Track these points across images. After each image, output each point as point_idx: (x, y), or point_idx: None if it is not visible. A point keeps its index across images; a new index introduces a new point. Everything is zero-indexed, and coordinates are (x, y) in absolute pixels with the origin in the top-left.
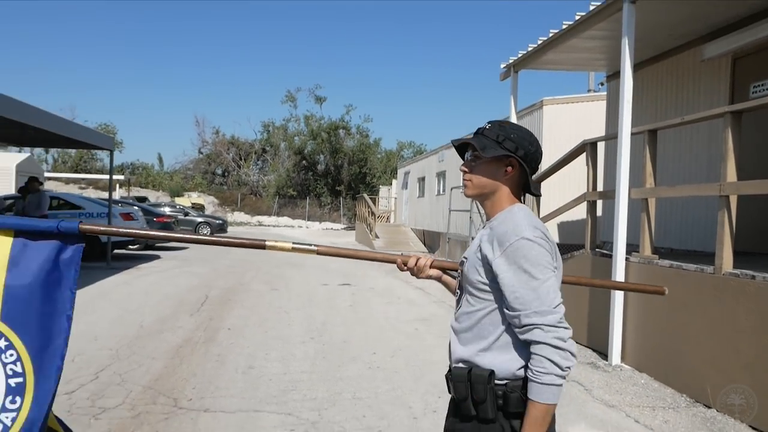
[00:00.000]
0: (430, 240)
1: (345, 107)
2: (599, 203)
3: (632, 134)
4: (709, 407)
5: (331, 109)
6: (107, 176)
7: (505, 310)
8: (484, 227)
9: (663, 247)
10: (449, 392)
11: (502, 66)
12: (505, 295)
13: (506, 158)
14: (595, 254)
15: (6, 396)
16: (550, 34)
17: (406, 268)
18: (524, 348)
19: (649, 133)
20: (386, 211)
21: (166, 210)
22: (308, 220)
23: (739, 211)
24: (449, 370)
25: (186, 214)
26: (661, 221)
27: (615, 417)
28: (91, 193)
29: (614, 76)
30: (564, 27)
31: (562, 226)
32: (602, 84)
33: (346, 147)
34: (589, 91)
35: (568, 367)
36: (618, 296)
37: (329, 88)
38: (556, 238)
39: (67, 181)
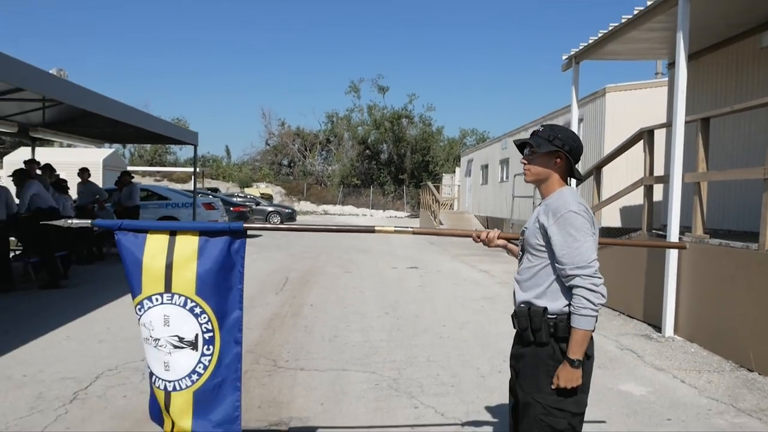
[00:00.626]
0: (493, 226)
1: (408, 96)
2: (659, 189)
3: (686, 122)
4: (752, 371)
5: (394, 99)
6: (181, 169)
7: (556, 264)
8: (540, 204)
9: (721, 229)
10: (514, 327)
11: (564, 57)
12: (555, 252)
13: (555, 152)
14: (651, 235)
15: (204, 345)
16: (609, 28)
17: (479, 240)
18: (567, 292)
19: (702, 121)
20: (449, 198)
21: (240, 200)
22: (372, 208)
23: None
24: (514, 312)
25: (257, 204)
26: (721, 205)
27: (662, 378)
28: (167, 184)
29: (675, 64)
30: (623, 21)
31: (623, 211)
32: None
33: (409, 136)
34: (656, 74)
35: (600, 304)
36: (671, 273)
37: (392, 77)
38: (617, 222)
39: (144, 174)
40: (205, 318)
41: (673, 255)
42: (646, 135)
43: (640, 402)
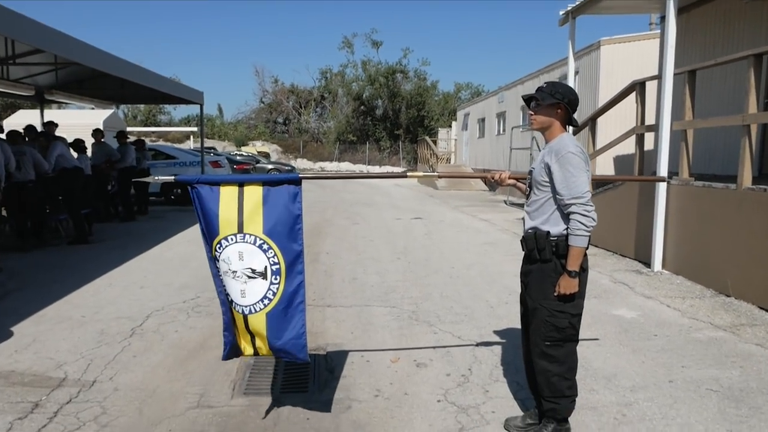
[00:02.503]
0: None
1: (402, 50)
2: (649, 139)
3: (675, 74)
4: (729, 296)
5: (388, 54)
6: (177, 129)
7: (556, 195)
8: (544, 148)
9: (707, 173)
10: (523, 249)
11: (561, 13)
12: (555, 185)
13: (557, 104)
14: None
15: (272, 275)
16: None
17: (493, 179)
18: (566, 219)
19: (688, 73)
20: (446, 152)
21: (241, 158)
22: (369, 164)
23: None
24: (523, 237)
25: (257, 162)
26: (708, 151)
27: (651, 304)
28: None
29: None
30: None
31: (617, 159)
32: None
33: (404, 91)
34: (650, 24)
35: (592, 226)
36: (660, 214)
37: (385, 32)
38: (611, 170)
39: (139, 135)
40: (272, 253)
41: (661, 197)
42: (638, 87)
43: (630, 323)
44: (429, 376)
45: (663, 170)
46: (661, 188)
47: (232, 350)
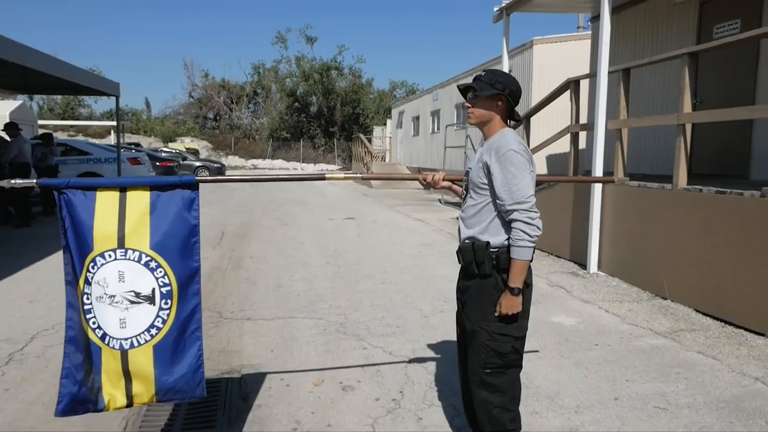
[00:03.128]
0: None
1: (337, 47)
2: (582, 137)
3: (609, 73)
4: (665, 299)
5: (323, 50)
6: (98, 123)
7: (497, 200)
8: (482, 145)
9: (638, 173)
10: (459, 262)
11: (495, 9)
12: (496, 188)
13: (497, 95)
14: None
15: (161, 299)
16: None
17: (426, 182)
18: (508, 227)
19: (623, 71)
20: (381, 150)
21: (166, 155)
22: (303, 162)
23: (702, 140)
24: (459, 247)
25: (184, 159)
26: (637, 151)
27: (589, 309)
28: (82, 139)
29: (598, 17)
30: None
31: (550, 159)
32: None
33: (339, 88)
34: (578, 28)
35: (536, 235)
36: (595, 215)
37: (320, 29)
38: (544, 170)
39: (56, 128)
40: (161, 272)
41: (596, 197)
42: (572, 85)
43: (570, 331)
44: (356, 402)
45: (598, 170)
46: (596, 188)
47: (74, 404)
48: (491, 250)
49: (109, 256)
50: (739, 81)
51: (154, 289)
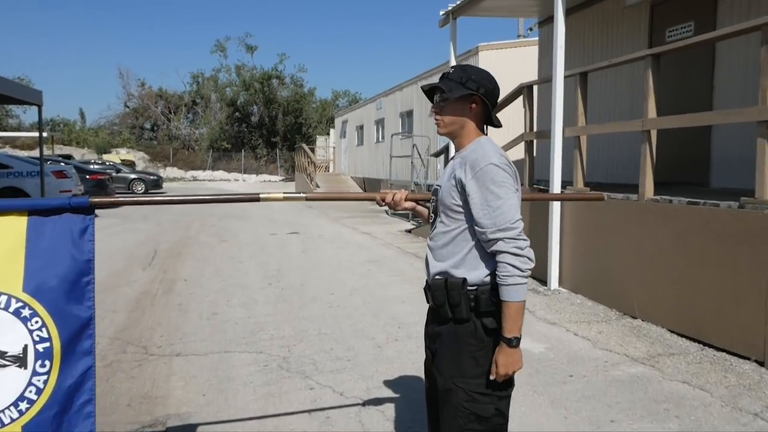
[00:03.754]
0: (371, 187)
1: (278, 56)
2: (534, 145)
3: (565, 77)
4: (635, 318)
5: (264, 59)
6: (26, 134)
7: (475, 226)
8: (454, 158)
9: (591, 182)
10: (428, 302)
11: (441, 13)
12: (473, 212)
13: (470, 97)
14: (533, 190)
15: (37, 360)
16: None
17: (384, 203)
18: (490, 259)
19: (580, 75)
20: (325, 160)
21: (97, 167)
22: (244, 172)
23: (661, 147)
24: (428, 284)
25: (118, 171)
26: (590, 159)
27: (556, 332)
28: (9, 152)
29: (546, 22)
30: None
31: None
32: (531, 30)
33: (281, 97)
34: (518, 36)
35: (528, 269)
36: (555, 228)
37: (260, 37)
38: None
39: None
40: (37, 323)
41: (556, 209)
42: (525, 90)
43: (540, 360)
44: None
45: (557, 179)
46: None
47: None
48: (468, 288)
49: None
50: (694, 85)
51: (26, 346)
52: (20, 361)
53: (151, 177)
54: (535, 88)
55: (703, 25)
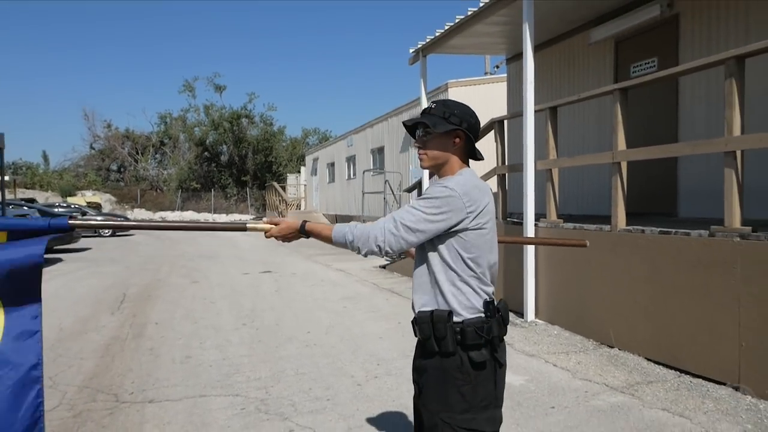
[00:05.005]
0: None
1: (248, 95)
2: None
3: (535, 111)
4: (613, 347)
5: (233, 98)
6: None
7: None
8: None
9: (563, 213)
10: (415, 335)
11: (411, 51)
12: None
13: (454, 131)
14: (507, 223)
15: None
16: (457, 20)
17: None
18: (476, 293)
19: (550, 110)
20: (296, 198)
21: (62, 210)
22: (214, 212)
23: (630, 178)
24: (414, 318)
25: (84, 214)
26: (562, 192)
27: (536, 364)
28: None
29: (514, 58)
30: (469, 13)
31: None
32: (497, 67)
33: (250, 136)
34: (486, 73)
35: (363, 248)
36: (530, 260)
37: (229, 77)
38: None
39: None
40: None
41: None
42: (497, 125)
43: (521, 392)
44: None
45: (530, 212)
46: (530, 231)
47: None
48: (455, 321)
49: None
50: (660, 118)
51: None
52: None
53: (119, 218)
54: (506, 122)
55: (665, 61)
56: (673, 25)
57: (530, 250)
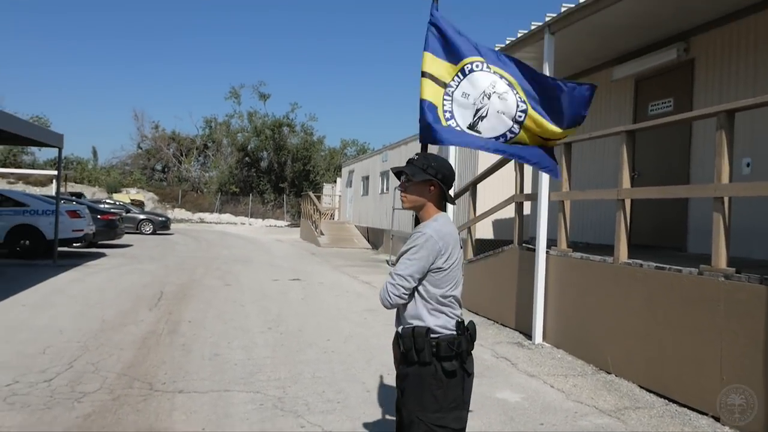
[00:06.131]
0: (374, 237)
1: (290, 105)
2: (527, 204)
3: None
4: (609, 373)
5: (276, 107)
6: (40, 171)
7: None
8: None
9: (581, 241)
10: (399, 347)
11: None
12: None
13: (429, 181)
14: (522, 248)
15: None
16: None
17: None
18: (449, 313)
19: (564, 145)
20: (330, 208)
21: (108, 207)
22: (251, 217)
23: (641, 212)
24: (398, 333)
25: (128, 211)
26: (580, 219)
27: (534, 384)
28: (22, 188)
29: None
30: (496, 49)
31: (496, 224)
32: None
33: (290, 144)
34: None
35: (385, 300)
36: (540, 284)
37: (273, 86)
38: (490, 234)
39: None
40: None
41: (541, 266)
42: None
43: (515, 409)
44: None
45: (542, 239)
46: (541, 257)
47: None
48: (432, 336)
49: None
50: (675, 157)
51: None
52: None
53: (160, 218)
54: None
55: (681, 102)
56: (688, 68)
57: (540, 277)
